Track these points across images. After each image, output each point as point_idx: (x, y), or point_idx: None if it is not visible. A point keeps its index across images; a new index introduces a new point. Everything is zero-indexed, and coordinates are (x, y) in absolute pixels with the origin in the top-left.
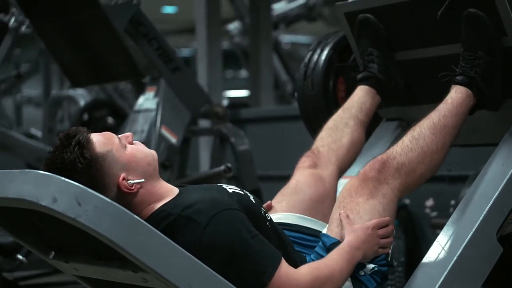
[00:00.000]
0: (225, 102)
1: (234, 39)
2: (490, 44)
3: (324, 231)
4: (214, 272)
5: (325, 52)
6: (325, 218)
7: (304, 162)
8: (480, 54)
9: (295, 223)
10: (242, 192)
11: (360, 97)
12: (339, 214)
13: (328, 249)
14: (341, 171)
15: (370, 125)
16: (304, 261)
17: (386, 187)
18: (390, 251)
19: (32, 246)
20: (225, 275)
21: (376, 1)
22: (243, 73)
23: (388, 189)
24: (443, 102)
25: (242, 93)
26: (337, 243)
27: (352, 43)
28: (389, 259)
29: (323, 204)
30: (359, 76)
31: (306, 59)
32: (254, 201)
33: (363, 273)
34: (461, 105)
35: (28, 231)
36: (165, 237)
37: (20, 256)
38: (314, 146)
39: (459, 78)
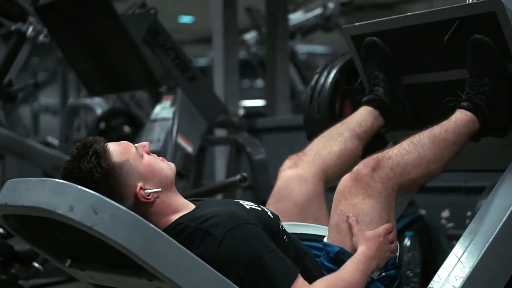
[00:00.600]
0: (241, 112)
1: (251, 49)
2: (496, 70)
3: (325, 239)
4: (231, 282)
5: (332, 75)
6: (317, 221)
7: (285, 164)
8: (486, 80)
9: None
10: (260, 208)
11: (362, 114)
12: (347, 219)
13: (332, 259)
14: (328, 178)
15: (376, 148)
16: (319, 269)
17: (380, 186)
18: (398, 254)
19: (48, 254)
20: None
21: (383, 25)
22: (259, 82)
23: (383, 188)
24: (447, 119)
25: (258, 102)
26: (340, 251)
27: (359, 66)
28: (396, 262)
29: (310, 206)
30: (365, 98)
31: (313, 82)
32: (272, 216)
33: (370, 279)
34: (464, 126)
35: (45, 239)
36: (181, 246)
37: (36, 264)
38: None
39: (464, 104)
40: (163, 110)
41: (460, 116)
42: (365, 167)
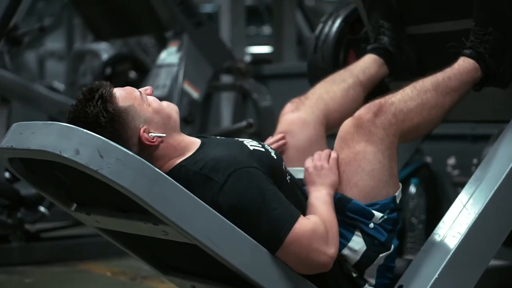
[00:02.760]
0: (247, 58)
1: None
2: (502, 20)
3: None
4: (234, 226)
5: (336, 25)
6: None
7: (287, 108)
8: (491, 30)
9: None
10: (263, 149)
11: (366, 62)
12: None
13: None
14: (329, 124)
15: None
16: None
17: (382, 132)
18: (397, 193)
19: (54, 198)
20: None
21: None
22: (266, 29)
23: (385, 134)
24: (450, 67)
25: (265, 49)
26: (341, 198)
27: (363, 15)
28: (397, 202)
29: (312, 151)
30: (369, 47)
31: (317, 31)
32: (275, 157)
33: (372, 225)
34: (467, 74)
35: (51, 183)
36: (186, 190)
37: (42, 208)
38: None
39: (467, 51)
40: (169, 55)
41: (463, 64)
42: (367, 112)
